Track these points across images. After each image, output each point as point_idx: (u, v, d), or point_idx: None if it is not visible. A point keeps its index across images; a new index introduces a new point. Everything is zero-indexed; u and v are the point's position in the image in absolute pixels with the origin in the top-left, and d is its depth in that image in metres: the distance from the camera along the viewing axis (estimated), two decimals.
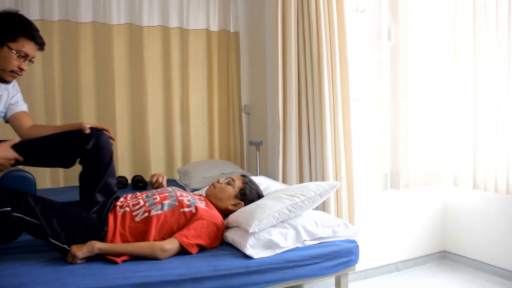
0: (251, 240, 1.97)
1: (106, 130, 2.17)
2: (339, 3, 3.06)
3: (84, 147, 2.04)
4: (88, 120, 3.74)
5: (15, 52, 2.04)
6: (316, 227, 2.15)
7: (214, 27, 4.18)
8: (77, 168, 2.18)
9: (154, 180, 2.46)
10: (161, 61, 4.03)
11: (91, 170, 2.10)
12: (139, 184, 3.38)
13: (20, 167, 2.33)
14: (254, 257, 1.94)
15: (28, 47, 2.08)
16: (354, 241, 2.22)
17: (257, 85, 4.11)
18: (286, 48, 3.10)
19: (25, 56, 2.08)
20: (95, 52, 3.79)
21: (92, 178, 2.10)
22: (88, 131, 2.07)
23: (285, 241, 2.04)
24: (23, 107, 2.34)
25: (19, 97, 2.34)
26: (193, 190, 3.05)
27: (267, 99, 3.74)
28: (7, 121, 2.31)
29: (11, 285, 1.65)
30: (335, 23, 3.04)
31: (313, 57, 3.03)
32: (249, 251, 1.95)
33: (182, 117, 4.10)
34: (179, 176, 3.78)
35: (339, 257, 2.14)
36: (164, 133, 4.05)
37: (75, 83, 3.72)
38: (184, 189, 3.33)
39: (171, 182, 3.67)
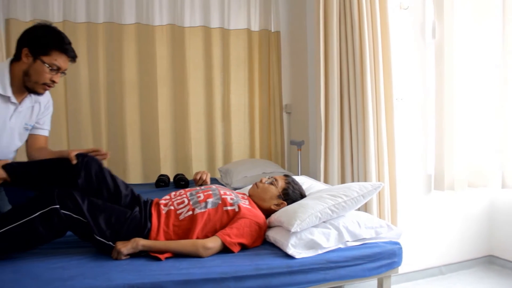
0: (293, 240, 1.96)
1: (96, 151, 2.12)
2: (382, 0, 3.02)
3: (76, 181, 2.00)
4: (131, 120, 3.84)
5: (47, 65, 2.06)
6: (359, 228, 2.13)
7: (255, 26, 4.20)
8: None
9: (198, 177, 2.48)
10: (202, 61, 4.07)
11: (103, 199, 2.07)
12: (181, 182, 3.44)
13: None
14: (296, 257, 1.93)
15: (61, 60, 2.09)
16: (397, 243, 2.18)
17: (298, 85, 4.09)
18: (328, 46, 3.08)
19: (57, 69, 2.10)
20: (138, 53, 3.88)
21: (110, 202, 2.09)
22: (74, 161, 2.01)
23: (327, 241, 2.02)
24: (45, 132, 2.38)
25: (47, 119, 2.38)
26: (234, 189, 3.06)
27: (308, 99, 3.72)
28: None
29: (61, 278, 1.70)
30: (378, 21, 2.99)
31: (356, 56, 2.99)
32: (291, 250, 1.94)
33: (223, 116, 4.14)
34: (220, 175, 3.81)
35: (382, 258, 2.10)
36: (206, 132, 4.10)
37: (119, 83, 3.82)
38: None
39: (213, 181, 3.70)
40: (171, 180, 3.67)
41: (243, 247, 2.03)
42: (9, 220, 1.86)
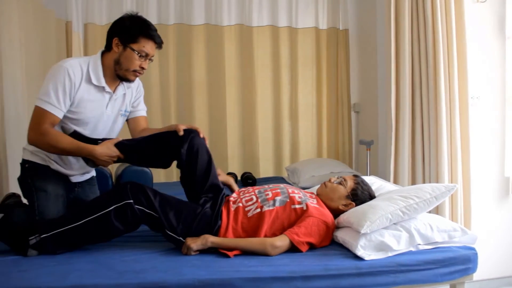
0: (362, 241, 1.93)
1: (198, 131, 2.20)
2: None
3: (179, 150, 2.10)
4: (201, 119, 3.93)
5: (137, 52, 2.15)
6: (431, 231, 2.05)
7: (323, 25, 4.16)
8: None
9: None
10: (270, 61, 4.09)
11: (191, 173, 2.14)
12: (249, 181, 3.48)
13: None
14: (365, 258, 1.90)
15: (148, 46, 2.17)
16: (472, 248, 2.08)
17: (367, 83, 4.02)
18: (399, 44, 3.00)
19: (146, 56, 2.19)
20: (207, 53, 3.96)
21: (195, 181, 2.16)
22: (181, 132, 2.12)
23: (398, 244, 1.97)
24: (142, 112, 2.48)
25: (141, 100, 2.48)
26: (302, 188, 3.05)
27: (378, 97, 3.64)
28: (126, 120, 2.46)
29: (134, 270, 1.78)
30: (452, 16, 2.87)
31: (428, 53, 2.90)
32: (360, 252, 1.91)
33: (290, 115, 4.14)
34: (288, 174, 3.81)
35: (456, 264, 2.01)
36: (273, 131, 4.11)
37: (188, 83, 3.91)
38: None
39: (280, 180, 3.71)
40: (239, 178, 3.72)
41: (311, 247, 2.02)
42: (86, 213, 1.96)
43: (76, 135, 2.13)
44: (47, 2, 3.40)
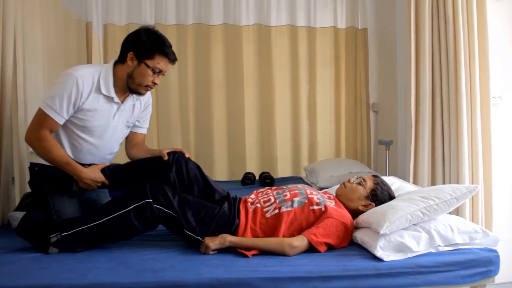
0: (381, 242, 1.91)
1: (183, 152, 2.22)
2: None
3: (168, 175, 2.12)
4: (219, 119, 3.95)
5: (151, 69, 2.16)
6: (452, 233, 2.02)
7: (342, 24, 4.14)
8: None
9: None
10: (288, 60, 4.09)
11: (191, 194, 2.16)
12: (267, 181, 3.48)
13: None
14: (384, 259, 1.88)
15: (162, 63, 2.19)
16: (494, 250, 2.04)
17: (386, 83, 3.99)
18: (419, 43, 2.97)
19: (159, 72, 2.20)
20: (226, 53, 3.97)
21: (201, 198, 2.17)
22: (166, 157, 2.14)
23: (418, 245, 1.95)
24: (143, 130, 2.51)
25: (147, 118, 2.52)
26: (320, 189, 3.04)
27: (397, 97, 3.61)
28: None
29: (152, 269, 1.79)
30: (474, 13, 2.83)
31: (449, 52, 2.86)
32: (379, 253, 1.89)
33: (309, 115, 4.14)
34: (306, 174, 3.80)
35: (477, 266, 1.98)
36: (291, 131, 4.11)
37: (207, 83, 3.93)
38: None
39: (298, 180, 3.71)
40: (257, 178, 3.72)
41: (329, 247, 2.01)
42: (106, 212, 1.98)
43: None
44: (68, 3, 3.45)
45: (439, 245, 2.01)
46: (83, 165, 2.18)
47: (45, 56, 2.93)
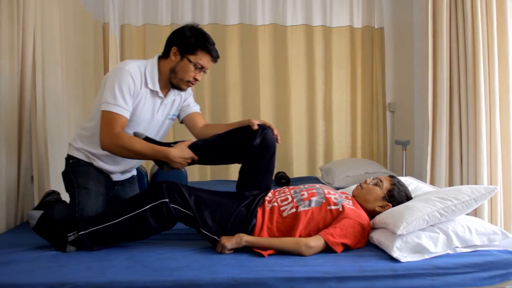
0: (398, 243, 1.90)
1: (272, 128, 2.23)
2: None
3: (251, 143, 2.12)
4: (234, 118, 3.95)
5: (193, 64, 2.19)
6: (470, 234, 2.00)
7: (358, 23, 4.13)
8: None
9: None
10: (304, 60, 4.09)
11: (253, 167, 2.19)
12: (282, 180, 3.47)
13: None
14: (401, 260, 1.86)
15: (205, 59, 2.21)
16: None
17: (403, 83, 3.96)
18: (436, 41, 2.94)
19: (201, 68, 2.22)
20: (241, 53, 3.98)
21: (252, 174, 2.21)
22: (255, 127, 2.15)
23: (435, 246, 1.93)
24: (196, 108, 2.51)
25: (191, 99, 2.51)
26: (336, 189, 3.03)
27: (414, 97, 3.59)
28: (181, 122, 2.50)
29: (169, 268, 1.79)
30: (493, 11, 2.80)
31: (467, 50, 2.84)
32: (396, 253, 1.88)
33: (324, 115, 4.13)
34: (321, 174, 3.79)
35: (496, 268, 1.95)
36: (307, 131, 4.11)
37: (222, 83, 3.95)
38: None
39: (314, 180, 3.70)
40: (273, 178, 3.72)
41: (346, 248, 2.00)
42: (122, 211, 1.99)
43: (148, 139, 2.17)
44: (85, 4, 3.49)
45: (457, 247, 1.99)
46: (168, 144, 2.18)
47: (63, 56, 2.97)
